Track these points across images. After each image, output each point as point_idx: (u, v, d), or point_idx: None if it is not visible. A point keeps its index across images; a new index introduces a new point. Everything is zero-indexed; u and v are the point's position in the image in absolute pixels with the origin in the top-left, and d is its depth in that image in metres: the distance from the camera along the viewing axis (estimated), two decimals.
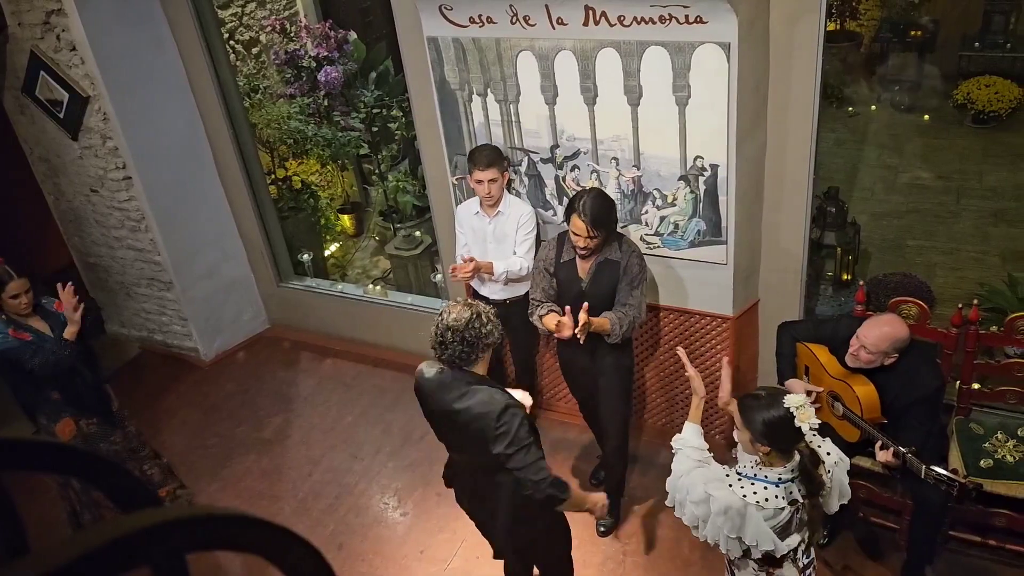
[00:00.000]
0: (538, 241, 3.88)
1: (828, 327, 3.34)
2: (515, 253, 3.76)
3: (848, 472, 2.49)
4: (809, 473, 2.17)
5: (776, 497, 2.14)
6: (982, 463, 3.24)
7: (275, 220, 5.52)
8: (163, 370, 5.46)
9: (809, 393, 3.15)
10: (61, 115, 4.86)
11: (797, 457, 2.19)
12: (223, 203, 5.35)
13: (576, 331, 3.16)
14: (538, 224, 3.84)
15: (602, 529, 3.80)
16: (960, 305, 3.28)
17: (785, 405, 2.11)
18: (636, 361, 4.03)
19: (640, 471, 4.09)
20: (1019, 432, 3.36)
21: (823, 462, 2.23)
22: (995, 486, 3.18)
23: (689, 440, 2.46)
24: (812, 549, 2.45)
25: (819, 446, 2.31)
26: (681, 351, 2.86)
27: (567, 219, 3.30)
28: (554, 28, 3.37)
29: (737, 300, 3.68)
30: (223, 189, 5.31)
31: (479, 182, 3.62)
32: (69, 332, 3.40)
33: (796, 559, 2.34)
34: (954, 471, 2.93)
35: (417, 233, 5.61)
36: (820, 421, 2.14)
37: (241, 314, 5.66)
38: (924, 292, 4.74)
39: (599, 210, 3.20)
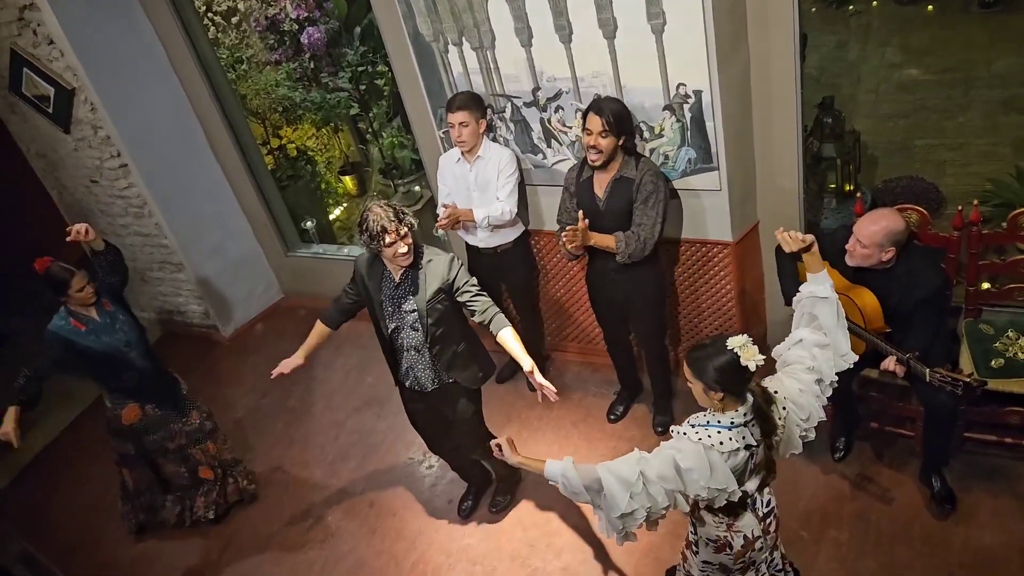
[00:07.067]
0: (522, 187, 3.87)
1: (826, 240, 3.29)
2: (498, 199, 3.76)
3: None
4: (763, 412, 2.18)
5: (731, 440, 2.15)
6: (993, 363, 3.21)
7: (275, 190, 5.54)
8: (186, 349, 5.58)
9: None
10: (50, 110, 4.88)
11: (750, 399, 2.19)
12: (221, 179, 5.38)
13: (566, 233, 3.30)
14: (520, 168, 3.84)
15: (659, 430, 3.94)
16: (960, 207, 3.21)
17: (729, 347, 2.11)
18: None
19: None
20: None
21: (775, 401, 2.23)
22: (1008, 384, 3.17)
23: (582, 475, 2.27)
24: (772, 497, 2.42)
25: (775, 391, 2.27)
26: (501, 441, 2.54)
27: (584, 121, 3.33)
28: None
29: (735, 225, 3.64)
30: (219, 165, 5.33)
31: (451, 125, 3.66)
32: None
33: (755, 507, 2.35)
34: (959, 371, 2.92)
35: (416, 188, 5.59)
36: (764, 357, 2.13)
37: (254, 287, 5.74)
38: (932, 194, 4.65)
39: (615, 106, 3.26)
